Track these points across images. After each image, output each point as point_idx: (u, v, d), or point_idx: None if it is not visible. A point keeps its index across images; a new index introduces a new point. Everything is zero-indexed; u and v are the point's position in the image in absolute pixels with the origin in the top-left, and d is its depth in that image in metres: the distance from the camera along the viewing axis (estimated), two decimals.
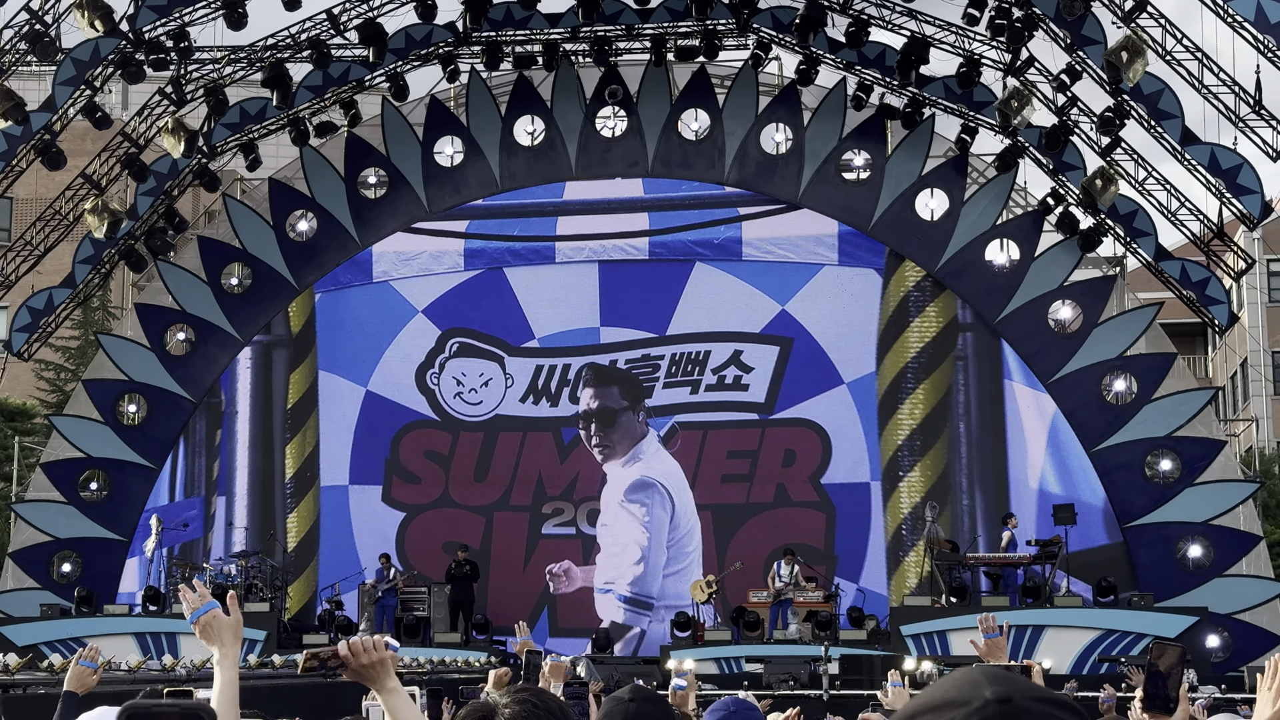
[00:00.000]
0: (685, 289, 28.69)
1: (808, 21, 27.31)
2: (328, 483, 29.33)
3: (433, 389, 29.14)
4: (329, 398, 29.82)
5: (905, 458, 27.89)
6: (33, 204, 38.59)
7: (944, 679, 2.34)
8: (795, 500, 28.00)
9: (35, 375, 42.14)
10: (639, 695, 4.34)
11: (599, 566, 29.69)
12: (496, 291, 29.27)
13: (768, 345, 28.18)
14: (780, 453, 28.15)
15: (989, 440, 28.44)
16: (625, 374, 29.94)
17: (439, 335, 29.69)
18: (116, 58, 27.34)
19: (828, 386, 28.19)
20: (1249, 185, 26.23)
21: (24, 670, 14.17)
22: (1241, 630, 26.70)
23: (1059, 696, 2.33)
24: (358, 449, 29.24)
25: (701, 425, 28.79)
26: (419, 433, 29.19)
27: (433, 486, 29.99)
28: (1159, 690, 4.63)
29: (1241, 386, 46.96)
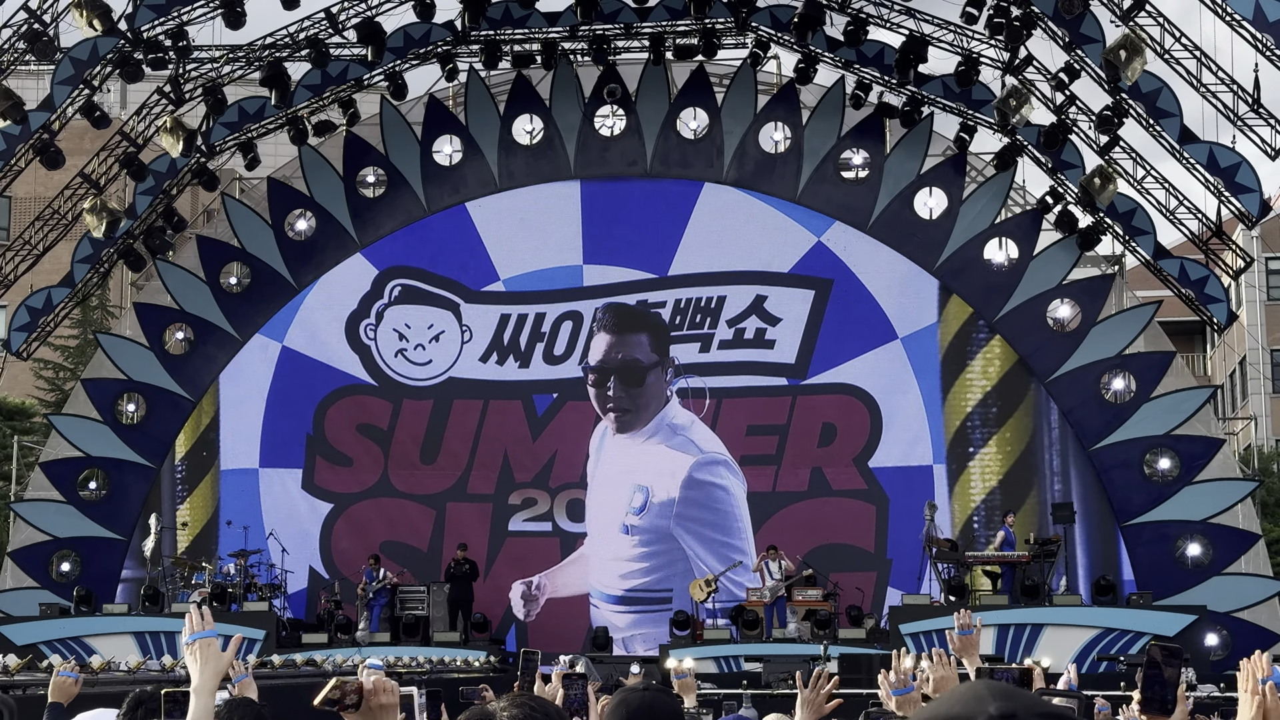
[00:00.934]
0: (692, 215, 24.08)
1: (806, 20, 27.31)
2: (230, 465, 25.06)
3: (368, 344, 24.51)
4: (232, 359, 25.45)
5: (977, 430, 23.58)
6: (31, 203, 38.57)
7: (949, 693, 2.35)
8: (836, 488, 23.48)
9: (34, 374, 42.13)
10: (653, 686, 4.52)
11: (592, 569, 26.45)
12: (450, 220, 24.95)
13: (799, 289, 23.30)
14: (816, 427, 23.34)
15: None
16: (656, 319, 24.82)
17: (375, 276, 25.62)
18: (115, 57, 27.33)
19: (877, 342, 23.36)
20: (1247, 184, 26.24)
21: (24, 671, 14.17)
22: (1240, 628, 26.71)
23: (1063, 710, 2.33)
24: (271, 423, 24.85)
25: (715, 392, 24.06)
26: (350, 400, 24.61)
27: (368, 470, 25.91)
28: (1157, 691, 4.64)
29: (1240, 385, 46.97)
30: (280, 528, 24.70)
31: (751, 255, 23.59)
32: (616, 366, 25.33)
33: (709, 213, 23.90)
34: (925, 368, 23.34)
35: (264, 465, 24.42)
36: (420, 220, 24.53)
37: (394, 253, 23.97)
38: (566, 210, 23.91)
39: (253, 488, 24.83)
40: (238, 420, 24.70)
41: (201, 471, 26.00)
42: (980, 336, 24.13)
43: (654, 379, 24.70)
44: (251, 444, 24.57)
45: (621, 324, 25.12)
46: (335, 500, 25.48)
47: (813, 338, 23.37)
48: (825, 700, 5.61)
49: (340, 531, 24.68)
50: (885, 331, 23.12)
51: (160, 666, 17.51)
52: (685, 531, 26.24)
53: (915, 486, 23.36)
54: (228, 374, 24.93)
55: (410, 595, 27.83)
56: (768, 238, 23.47)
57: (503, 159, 30.71)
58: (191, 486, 25.55)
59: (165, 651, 25.24)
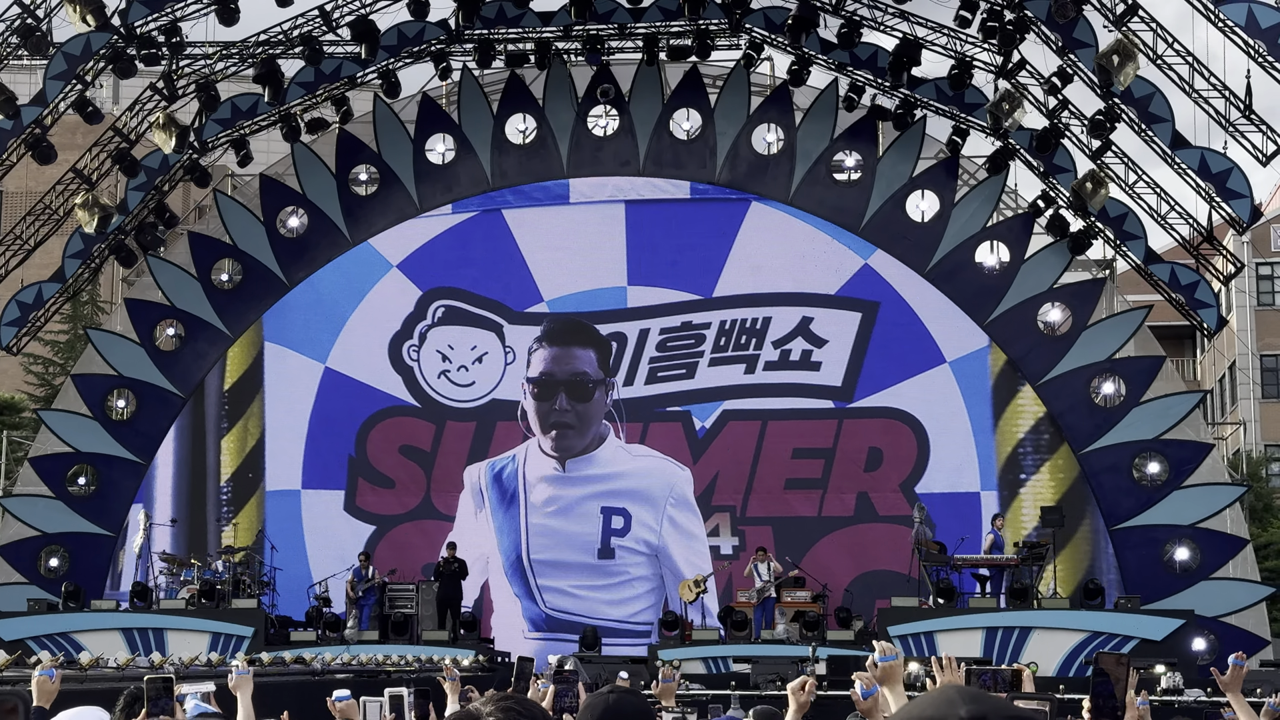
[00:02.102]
0: (738, 237, 23.68)
1: (800, 22, 27.34)
2: (275, 486, 24.68)
3: (411, 366, 24.26)
4: (277, 378, 25.26)
5: (1029, 457, 23.15)
6: (23, 198, 38.53)
7: (921, 696, 2.40)
8: (882, 514, 23.01)
9: (24, 369, 42.08)
10: (619, 689, 4.61)
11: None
12: (494, 240, 24.58)
13: (846, 311, 22.94)
14: (863, 452, 23.07)
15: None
16: (601, 338, 24.48)
17: (419, 297, 25.33)
18: (108, 52, 27.31)
19: (924, 366, 23.09)
20: (1238, 189, 26.29)
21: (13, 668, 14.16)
22: (1228, 633, 26.76)
23: (1030, 714, 2.38)
24: (313, 444, 24.55)
25: (760, 414, 23.69)
26: (393, 422, 24.50)
27: (410, 492, 26.06)
28: (1106, 700, 4.71)
29: (1230, 389, 47.07)
30: (322, 549, 24.33)
31: (798, 277, 23.30)
32: (565, 379, 24.90)
33: (755, 234, 23.44)
34: (975, 392, 22.94)
35: (306, 486, 24.02)
36: (458, 230, 23.75)
37: (438, 273, 23.54)
38: (611, 230, 23.55)
39: (295, 509, 24.33)
40: (283, 441, 24.23)
41: (248, 493, 25.37)
42: None
43: (599, 397, 24.36)
44: (294, 465, 24.11)
45: (567, 337, 24.78)
46: (377, 522, 25.11)
47: (859, 361, 23.08)
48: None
49: (382, 554, 24.29)
50: (933, 355, 22.84)
51: (149, 663, 17.49)
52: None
53: (962, 513, 22.97)
54: (274, 395, 24.33)
55: (399, 594, 27.81)
56: (814, 260, 23.13)
57: (495, 158, 30.71)
58: (238, 508, 24.92)
59: (154, 648, 25.21)
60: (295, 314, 25.17)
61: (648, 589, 25.26)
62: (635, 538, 24.80)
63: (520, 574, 24.53)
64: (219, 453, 25.64)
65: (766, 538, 25.12)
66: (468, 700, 7.15)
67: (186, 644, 24.98)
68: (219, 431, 25.55)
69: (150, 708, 5.96)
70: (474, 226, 24.25)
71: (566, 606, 24.35)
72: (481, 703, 3.42)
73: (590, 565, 24.49)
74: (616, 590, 24.72)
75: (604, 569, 24.70)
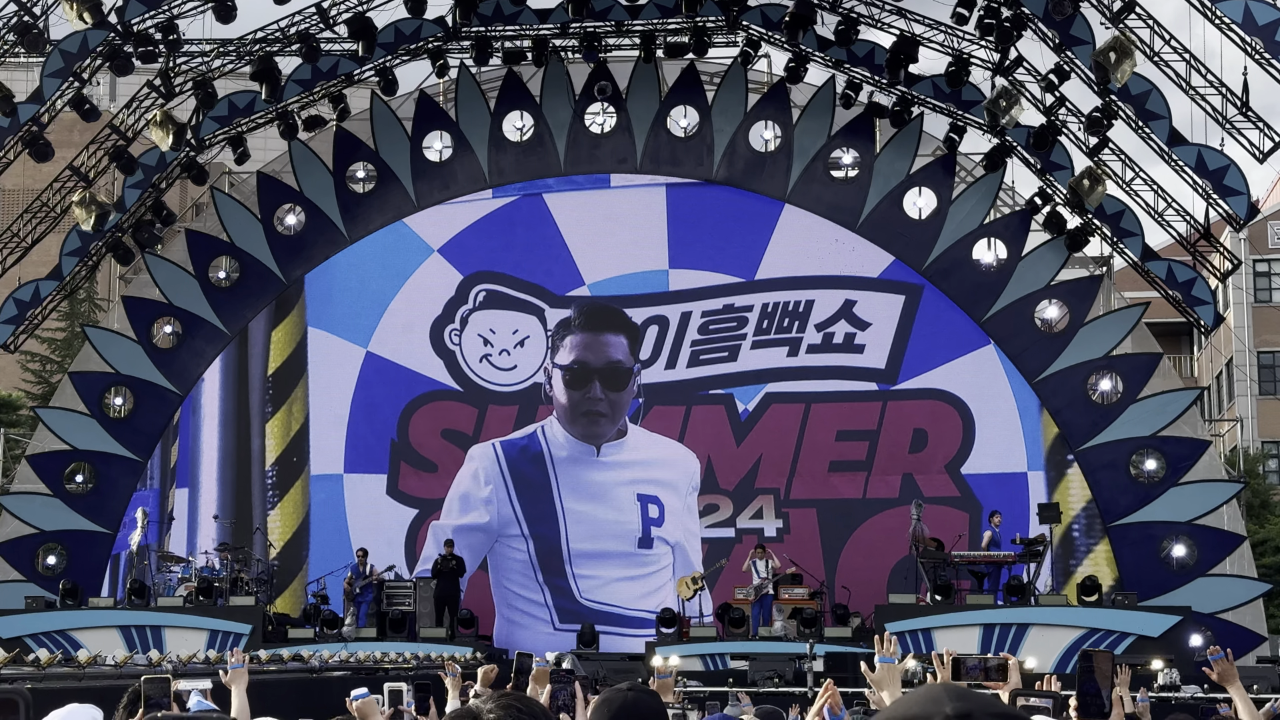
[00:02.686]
0: (780, 220, 23.53)
1: (797, 19, 27.35)
2: (320, 470, 24.71)
3: (452, 350, 24.03)
4: (321, 362, 25.04)
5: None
6: (20, 196, 38.52)
7: (908, 694, 2.42)
8: (928, 495, 23.02)
9: (21, 367, 42.08)
10: (636, 687, 4.64)
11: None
12: (535, 224, 24.44)
13: (889, 294, 22.97)
14: (907, 434, 23.04)
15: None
16: (631, 322, 24.60)
17: (460, 281, 25.03)
18: (105, 50, 27.32)
19: (969, 348, 23.07)
20: (1235, 186, 26.32)
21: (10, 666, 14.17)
22: (1225, 630, 26.78)
23: (1016, 713, 2.40)
24: (355, 428, 24.51)
25: (803, 397, 23.59)
26: (435, 406, 24.24)
27: (453, 475, 25.68)
28: (1093, 696, 4.72)
29: (1227, 386, 47.11)
30: (364, 534, 24.34)
31: (840, 261, 23.19)
32: (600, 368, 25.03)
33: (799, 217, 23.43)
34: (1019, 376, 22.89)
35: (349, 471, 23.97)
36: (499, 214, 23.47)
37: (479, 258, 23.43)
38: (652, 214, 23.40)
39: (338, 493, 24.27)
40: (326, 424, 24.20)
41: (293, 477, 25.27)
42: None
43: (631, 386, 24.54)
44: (337, 449, 24.06)
45: (598, 323, 24.84)
46: (420, 506, 25.02)
47: (903, 343, 23.07)
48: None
49: (425, 537, 24.25)
50: (978, 337, 22.79)
51: (147, 660, 17.50)
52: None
53: (1010, 493, 22.88)
54: (317, 380, 24.33)
55: (397, 591, 27.82)
56: (856, 243, 22.98)
57: (493, 155, 30.71)
58: (282, 492, 24.89)
59: (151, 645, 25.24)
60: (338, 298, 24.93)
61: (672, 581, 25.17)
62: (668, 527, 24.79)
63: (557, 564, 24.26)
64: (264, 437, 25.36)
65: (810, 520, 24.84)
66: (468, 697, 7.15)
67: (184, 641, 24.99)
68: (264, 416, 25.24)
69: (148, 707, 5.97)
70: (515, 210, 24.10)
71: (603, 598, 24.16)
72: (482, 700, 3.40)
73: (629, 554, 24.32)
74: (650, 581, 24.64)
75: (641, 559, 24.57)
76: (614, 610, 24.86)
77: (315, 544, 24.89)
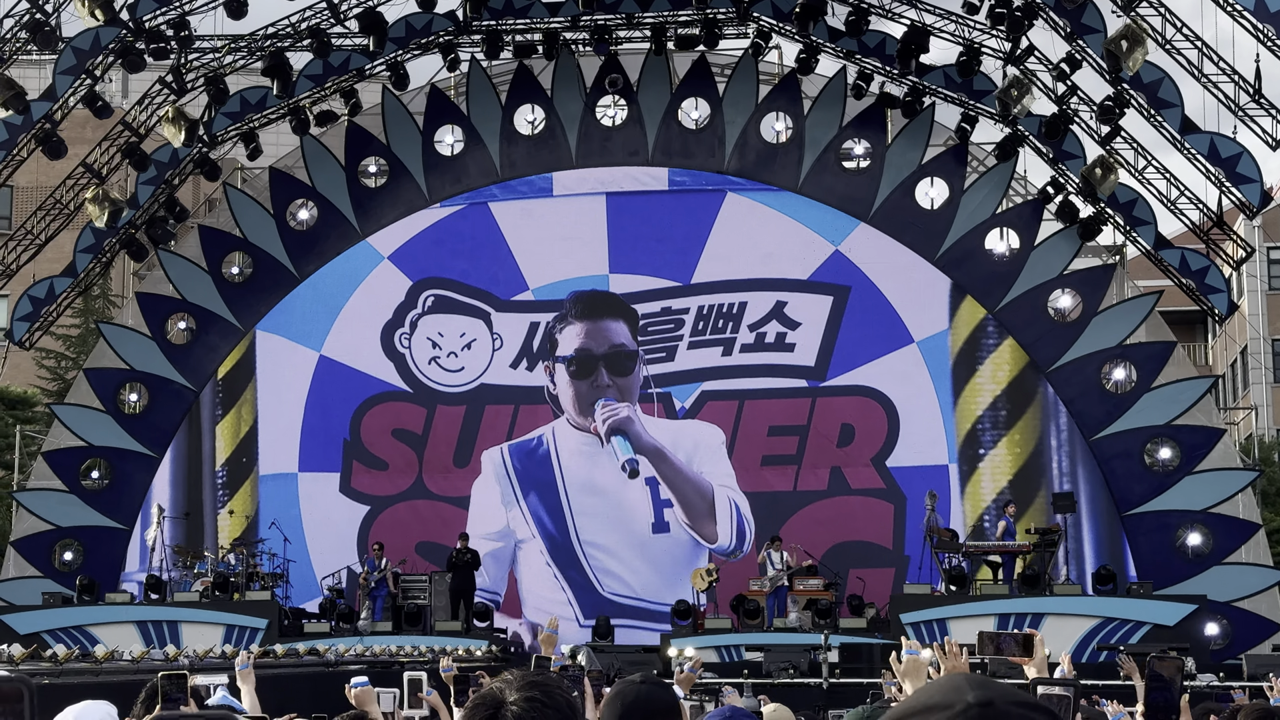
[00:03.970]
0: (714, 226, 24.55)
1: (808, 10, 27.30)
2: (269, 470, 25.45)
3: (402, 353, 24.99)
4: (271, 365, 25.89)
5: (987, 433, 24.02)
6: (34, 193, 38.61)
7: (929, 683, 2.43)
8: (855, 487, 24.06)
9: (36, 364, 42.17)
10: (649, 679, 4.63)
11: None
12: (481, 232, 25.34)
13: (818, 295, 23.84)
14: (835, 428, 23.91)
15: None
16: (628, 307, 25.39)
17: (410, 287, 26.02)
18: (117, 47, 27.37)
19: (894, 346, 23.93)
20: (1248, 174, 26.27)
21: (28, 661, 14.24)
22: (1240, 618, 26.78)
23: (1038, 701, 2.42)
24: (309, 428, 25.29)
25: (736, 394, 24.54)
26: (386, 407, 25.15)
27: (403, 473, 26.56)
28: (1167, 700, 4.68)
29: (1241, 374, 47.01)
30: (318, 529, 25.11)
31: (772, 264, 24.17)
32: (604, 354, 25.50)
33: (731, 223, 24.33)
34: (940, 370, 23.85)
35: (303, 470, 24.87)
36: (446, 223, 24.60)
37: (427, 264, 24.37)
38: (593, 221, 24.44)
39: (292, 491, 25.12)
40: (276, 426, 25.01)
41: (241, 477, 26.18)
42: (990, 341, 24.54)
43: (636, 370, 25.14)
44: (290, 449, 24.89)
45: (597, 310, 25.42)
46: (371, 503, 25.86)
47: (831, 341, 23.94)
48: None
49: (377, 533, 25.00)
50: (902, 335, 23.67)
51: (164, 656, 17.57)
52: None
53: (932, 485, 23.79)
54: (267, 382, 25.16)
55: (412, 584, 27.92)
56: (787, 247, 24.07)
57: (504, 149, 30.73)
58: (232, 491, 25.87)
59: (168, 641, 25.33)
60: (291, 304, 25.88)
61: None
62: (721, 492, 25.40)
63: (572, 559, 24.85)
64: (214, 439, 26.26)
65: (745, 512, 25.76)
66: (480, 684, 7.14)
67: (201, 636, 25.08)
68: (214, 418, 26.23)
69: (165, 703, 6.01)
70: (461, 219, 25.08)
71: (624, 590, 24.76)
72: (505, 684, 3.29)
73: (645, 541, 24.81)
74: (671, 569, 25.00)
75: (657, 546, 24.99)
76: (634, 602, 25.45)
77: (267, 543, 25.55)
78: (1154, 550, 27.74)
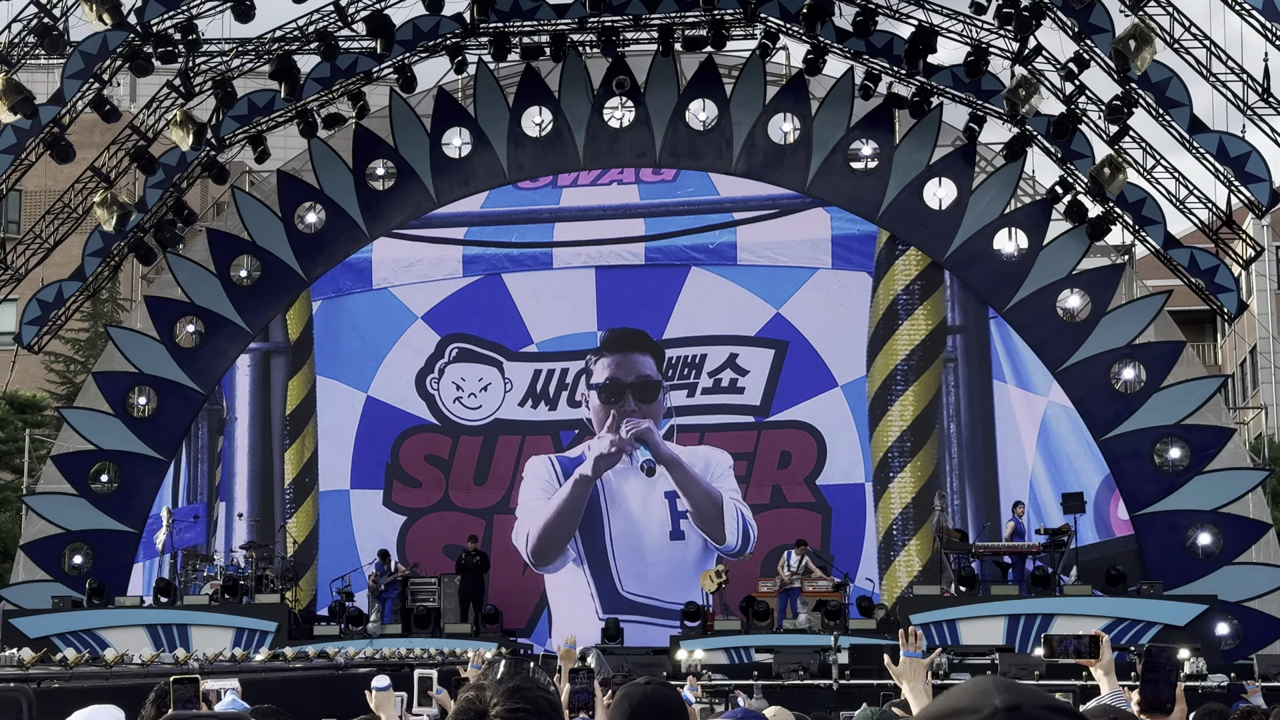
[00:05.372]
0: (681, 294, 28.82)
1: (815, 11, 27.30)
2: (327, 487, 29.41)
3: (432, 394, 29.16)
4: (328, 404, 29.85)
5: (895, 459, 28.12)
6: (42, 197, 38.67)
7: (956, 687, 2.41)
8: (791, 501, 28.10)
9: (45, 368, 42.25)
10: (655, 681, 4.68)
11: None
12: (495, 297, 29.31)
13: (763, 349, 28.31)
14: (776, 454, 28.27)
15: (979, 442, 28.56)
16: (655, 343, 29.32)
17: (438, 341, 29.66)
18: (125, 51, 27.40)
19: (822, 389, 28.34)
20: (1257, 173, 26.21)
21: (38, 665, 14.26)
22: (1251, 618, 26.73)
23: (1067, 705, 2.40)
24: (358, 454, 29.34)
25: (699, 427, 28.87)
26: (419, 437, 29.17)
27: (433, 490, 29.88)
28: (1162, 692, 4.65)
29: (1251, 374, 46.95)
30: (366, 535, 29.24)
31: (726, 323, 28.93)
32: (632, 383, 29.30)
33: (694, 291, 29.21)
34: (859, 409, 28.53)
35: (353, 487, 29.35)
36: (467, 289, 29.65)
37: (452, 322, 29.22)
38: (584, 289, 29.38)
39: (345, 504, 29.53)
40: (333, 453, 29.54)
41: (305, 493, 30.05)
42: (899, 387, 28.54)
43: (660, 399, 29.13)
44: (344, 471, 29.44)
45: (626, 344, 29.42)
46: (408, 514, 29.80)
47: (774, 385, 28.49)
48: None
49: (412, 538, 29.37)
50: (828, 381, 28.46)
51: (173, 659, 17.59)
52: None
53: (852, 499, 28.40)
54: (325, 417, 30.03)
55: (421, 587, 27.99)
56: (738, 310, 28.76)
57: (512, 151, 30.78)
58: (298, 505, 29.84)
59: (178, 644, 25.37)
60: (343, 354, 30.08)
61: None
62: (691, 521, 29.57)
63: (602, 559, 28.72)
64: (283, 463, 30.30)
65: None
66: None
67: (210, 640, 25.10)
68: (282, 446, 30.32)
69: (177, 707, 6.00)
70: (480, 288, 29.59)
71: (640, 590, 28.51)
72: (490, 692, 3.25)
73: (662, 547, 28.80)
74: (684, 572, 28.47)
75: (673, 551, 28.82)
76: (649, 601, 28.73)
77: (324, 545, 29.55)
78: (1164, 550, 27.68)
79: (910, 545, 27.67)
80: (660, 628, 27.71)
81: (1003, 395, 28.19)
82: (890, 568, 28.13)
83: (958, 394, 28.19)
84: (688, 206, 29.45)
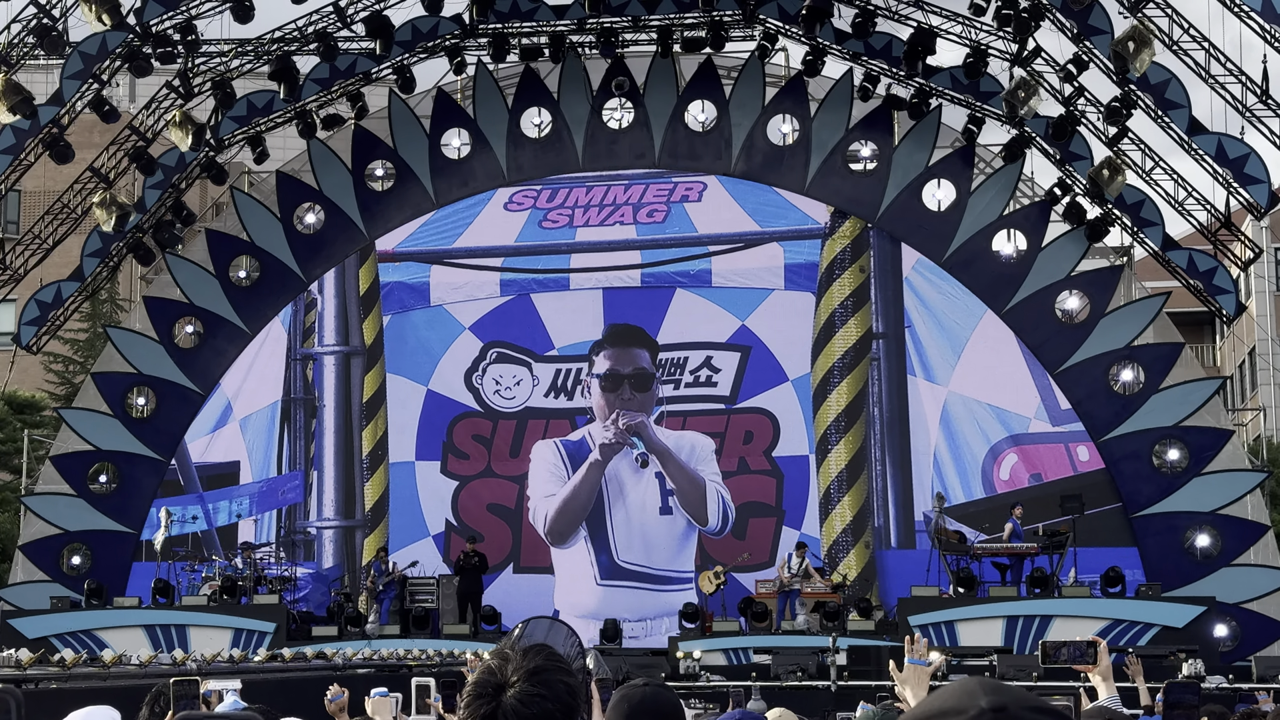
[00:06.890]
0: (669, 309, 32.92)
1: (814, 12, 27.31)
2: (396, 459, 33.10)
3: (477, 388, 33.49)
4: (396, 395, 33.33)
5: (833, 436, 31.74)
6: (41, 197, 38.68)
7: (942, 688, 2.42)
8: (753, 469, 32.09)
9: (44, 368, 42.25)
10: (653, 683, 4.70)
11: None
12: (525, 312, 33.21)
13: (731, 352, 33.07)
14: (742, 433, 32.66)
15: (896, 421, 31.39)
16: (651, 339, 33.09)
17: (482, 346, 32.88)
18: (124, 51, 27.40)
19: (777, 383, 32.36)
20: (1256, 175, 26.21)
21: (36, 666, 14.26)
22: (1249, 620, 26.74)
23: (1053, 706, 2.39)
24: (421, 433, 33.23)
25: (682, 413, 32.66)
26: (467, 421, 33.20)
27: (478, 461, 32.64)
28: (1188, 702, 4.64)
29: (1249, 375, 46.96)
30: (428, 498, 33.07)
31: (703, 332, 32.87)
32: (629, 374, 32.77)
33: (679, 308, 33.11)
34: (804, 398, 32.11)
35: (418, 459, 33.15)
36: (505, 306, 33.55)
37: (492, 332, 33.18)
38: (594, 306, 33.23)
39: (411, 473, 33.04)
40: (400, 433, 33.22)
41: (378, 464, 33.09)
42: (835, 381, 31.83)
43: (654, 390, 33.18)
44: (410, 446, 33.18)
45: (626, 340, 33.06)
46: (459, 480, 32.77)
47: (740, 380, 32.50)
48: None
49: (463, 499, 32.76)
50: (781, 377, 32.30)
51: (171, 660, 17.57)
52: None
53: (799, 467, 31.64)
54: (393, 405, 33.71)
55: (419, 588, 28.03)
56: (712, 321, 32.85)
57: (511, 152, 30.81)
58: (372, 473, 33.23)
59: (176, 645, 25.36)
60: (408, 354, 33.31)
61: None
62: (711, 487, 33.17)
63: (602, 530, 32.51)
64: (361, 440, 33.28)
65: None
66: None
67: (209, 640, 25.11)
68: (360, 427, 33.33)
69: (178, 707, 6.00)
70: (513, 304, 33.18)
71: (635, 559, 32.36)
72: (512, 664, 3.12)
73: (653, 520, 32.51)
74: (671, 543, 32.44)
75: (662, 524, 32.46)
76: (640, 568, 32.17)
77: (394, 506, 33.05)
78: (1163, 552, 27.69)
79: (844, 501, 31.62)
80: (653, 592, 30.95)
81: (914, 386, 31.64)
82: (828, 518, 31.73)
83: (880, 386, 32.01)
84: (673, 241, 33.54)
